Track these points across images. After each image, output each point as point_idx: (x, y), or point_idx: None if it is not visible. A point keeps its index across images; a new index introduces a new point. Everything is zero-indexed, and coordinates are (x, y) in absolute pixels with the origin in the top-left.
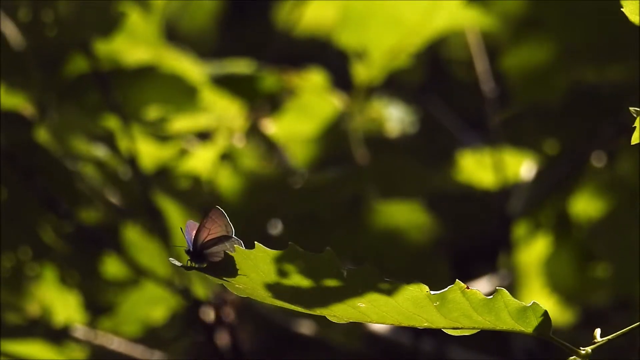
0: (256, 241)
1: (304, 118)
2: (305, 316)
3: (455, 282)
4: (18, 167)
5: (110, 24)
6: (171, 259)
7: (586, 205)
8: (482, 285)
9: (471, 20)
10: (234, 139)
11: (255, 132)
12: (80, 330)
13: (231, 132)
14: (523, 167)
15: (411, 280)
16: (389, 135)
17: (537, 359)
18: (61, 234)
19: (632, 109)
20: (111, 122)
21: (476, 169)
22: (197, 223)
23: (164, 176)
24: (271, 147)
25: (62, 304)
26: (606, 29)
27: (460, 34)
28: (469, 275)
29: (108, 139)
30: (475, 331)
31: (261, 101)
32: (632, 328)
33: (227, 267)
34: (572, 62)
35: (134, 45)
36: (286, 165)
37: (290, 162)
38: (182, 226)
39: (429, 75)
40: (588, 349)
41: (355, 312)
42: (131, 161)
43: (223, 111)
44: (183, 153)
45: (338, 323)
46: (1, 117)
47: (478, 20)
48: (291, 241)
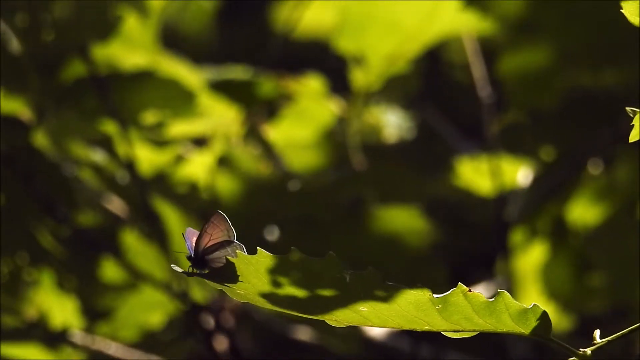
0: (254, 246)
1: (302, 124)
2: (303, 322)
3: (457, 285)
4: (16, 172)
5: (107, 28)
6: (173, 266)
7: (583, 212)
8: (479, 291)
9: (469, 25)
10: (232, 144)
11: (252, 138)
12: (77, 335)
13: (228, 138)
14: (520, 174)
15: (410, 285)
16: (387, 141)
17: None
18: (59, 239)
19: (629, 109)
20: (109, 127)
21: (473, 176)
22: (197, 230)
23: (162, 181)
24: (269, 153)
25: (60, 309)
26: (604, 33)
27: (457, 40)
28: (466, 281)
29: (106, 144)
30: (474, 333)
31: (258, 107)
32: (631, 330)
33: (229, 273)
34: (570, 67)
35: (131, 50)
36: (284, 170)
37: (287, 168)
38: (181, 231)
39: (427, 81)
40: (587, 350)
41: (356, 316)
42: (129, 166)
43: (220, 117)
44: (180, 159)
45: (337, 329)
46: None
47: (476, 25)
48: (289, 246)
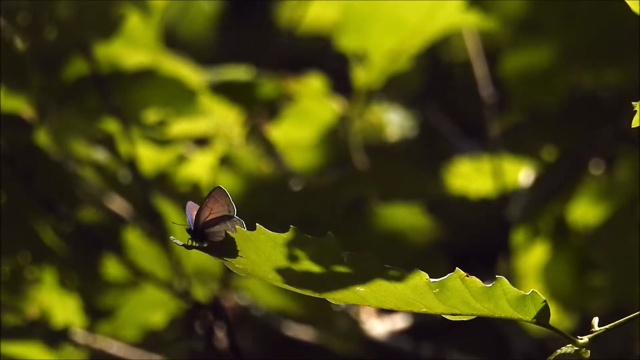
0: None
1: (303, 124)
2: (304, 321)
3: (455, 270)
4: (18, 170)
5: (109, 27)
6: (172, 238)
7: (584, 211)
8: None
9: (471, 23)
10: (233, 144)
11: (254, 138)
12: (79, 333)
13: (230, 138)
14: (521, 174)
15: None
16: (389, 140)
17: None
18: (61, 237)
19: (635, 103)
20: (111, 125)
21: (475, 175)
22: (198, 205)
23: (164, 180)
24: (270, 153)
25: (61, 307)
26: (605, 33)
27: (459, 39)
28: None
29: (108, 142)
30: (472, 317)
31: (260, 107)
32: (630, 319)
33: (228, 247)
34: (571, 66)
35: (133, 48)
36: (285, 170)
37: (289, 168)
38: (182, 230)
39: (429, 80)
40: (585, 338)
41: (353, 296)
42: (131, 164)
43: (222, 117)
44: (182, 158)
45: (338, 328)
46: (1, 120)
47: (477, 23)
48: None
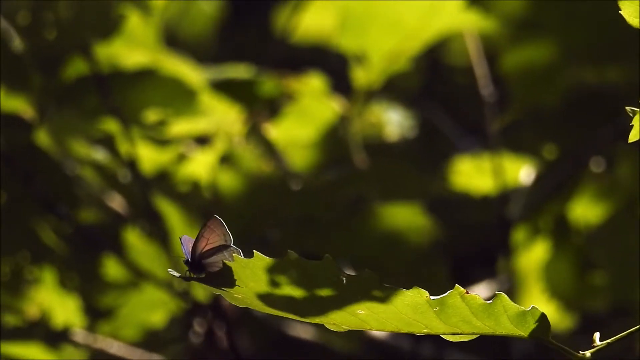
0: (256, 244)
1: (303, 122)
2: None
3: (454, 287)
4: (18, 170)
5: (109, 27)
6: (170, 270)
7: (585, 210)
8: (481, 290)
9: (470, 23)
10: (234, 143)
11: (254, 137)
12: (79, 333)
13: (230, 137)
14: (522, 172)
15: (411, 283)
16: (388, 139)
17: None
18: (61, 237)
19: (628, 109)
20: (110, 125)
21: (475, 174)
22: (193, 238)
23: (164, 180)
24: (270, 152)
25: (61, 307)
26: (605, 31)
27: (459, 38)
28: (468, 279)
29: (107, 142)
30: (474, 337)
31: (260, 106)
32: (631, 332)
33: (226, 277)
34: (572, 65)
35: (133, 48)
36: (285, 169)
37: (289, 167)
38: (182, 229)
39: (428, 79)
40: (587, 353)
41: (354, 320)
42: (131, 164)
43: (222, 116)
44: (182, 157)
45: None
46: (1, 120)
47: (477, 23)
48: (291, 244)
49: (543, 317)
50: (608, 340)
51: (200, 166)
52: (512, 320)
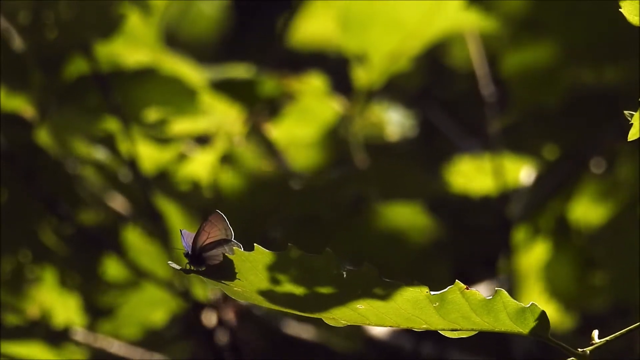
0: (256, 244)
1: (304, 122)
2: (305, 319)
3: (455, 283)
4: (18, 169)
5: (110, 26)
6: (170, 263)
7: (586, 210)
8: (482, 290)
9: (471, 23)
10: (234, 142)
11: (255, 136)
12: (80, 332)
13: (231, 137)
14: (522, 172)
15: (411, 282)
16: (389, 139)
17: None
18: (61, 236)
19: (627, 113)
20: (111, 124)
21: (475, 174)
22: (193, 233)
23: (165, 179)
24: (271, 152)
25: (62, 306)
26: (606, 32)
27: (460, 39)
28: (469, 279)
29: (108, 141)
30: (473, 333)
31: (261, 105)
32: (630, 330)
33: (226, 270)
34: (572, 65)
35: (134, 47)
36: (286, 169)
37: (290, 166)
38: (182, 229)
39: (429, 79)
40: (586, 350)
41: (354, 315)
42: (131, 163)
43: (222, 115)
44: (183, 157)
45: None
46: (2, 119)
47: (478, 23)
48: (292, 243)
49: (543, 314)
50: (607, 337)
51: (200, 166)
52: (512, 316)
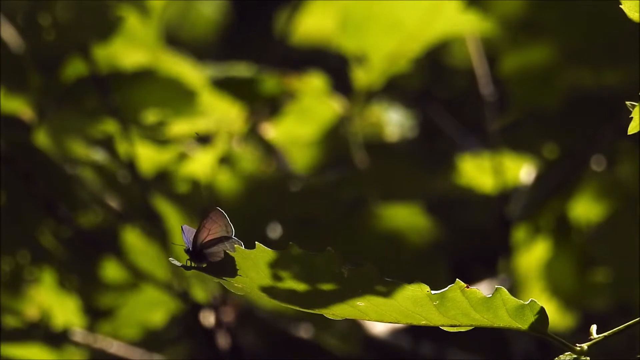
0: (256, 243)
1: (304, 122)
2: (304, 320)
3: (455, 281)
4: (17, 171)
5: (108, 28)
6: (171, 259)
7: (586, 209)
8: (482, 289)
9: (470, 24)
10: (234, 142)
11: (254, 136)
12: (79, 333)
13: (231, 136)
14: (522, 171)
15: (411, 282)
16: (389, 139)
17: None
18: (60, 238)
19: (628, 103)
20: (110, 126)
21: (476, 173)
22: (193, 229)
23: (163, 180)
24: (271, 151)
25: (61, 308)
26: (604, 32)
27: (459, 39)
28: (469, 279)
29: (107, 143)
30: (471, 328)
31: (261, 104)
32: (629, 326)
33: (227, 267)
34: (571, 65)
35: (133, 48)
36: (286, 168)
37: (289, 166)
38: (184, 225)
39: (429, 79)
40: (584, 346)
41: (354, 311)
42: (130, 165)
43: (223, 114)
44: (182, 157)
45: (338, 327)
46: (0, 121)
47: (477, 24)
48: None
49: (542, 311)
50: (605, 333)
51: (200, 166)
52: (511, 313)
